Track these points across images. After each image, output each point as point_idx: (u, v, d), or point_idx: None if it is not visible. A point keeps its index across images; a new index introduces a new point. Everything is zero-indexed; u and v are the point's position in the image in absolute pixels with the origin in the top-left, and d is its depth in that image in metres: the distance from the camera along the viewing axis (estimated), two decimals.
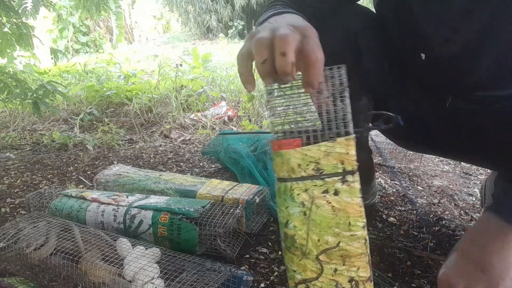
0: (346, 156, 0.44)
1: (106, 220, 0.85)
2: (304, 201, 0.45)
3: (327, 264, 0.46)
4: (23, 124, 2.32)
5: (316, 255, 0.46)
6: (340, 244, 0.45)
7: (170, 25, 12.30)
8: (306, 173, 0.45)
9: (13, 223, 0.81)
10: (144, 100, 2.43)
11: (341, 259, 0.45)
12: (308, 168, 0.45)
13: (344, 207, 0.44)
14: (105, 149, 1.78)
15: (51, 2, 2.33)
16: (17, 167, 1.47)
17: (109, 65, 4.08)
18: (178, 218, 0.80)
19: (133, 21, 11.43)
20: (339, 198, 0.44)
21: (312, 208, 0.45)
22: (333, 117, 0.45)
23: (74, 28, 8.09)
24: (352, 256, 0.45)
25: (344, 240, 0.45)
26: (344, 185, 0.44)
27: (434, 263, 0.82)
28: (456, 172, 1.45)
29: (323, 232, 0.45)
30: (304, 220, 0.46)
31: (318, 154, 0.44)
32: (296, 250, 0.47)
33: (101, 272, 0.67)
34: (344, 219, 0.45)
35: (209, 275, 0.67)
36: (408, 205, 1.13)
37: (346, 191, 0.44)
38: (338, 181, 0.44)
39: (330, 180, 0.44)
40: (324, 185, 0.45)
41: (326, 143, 0.44)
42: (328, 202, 0.45)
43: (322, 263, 0.46)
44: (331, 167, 0.44)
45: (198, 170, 1.43)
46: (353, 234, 0.45)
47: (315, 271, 0.46)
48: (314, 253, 0.46)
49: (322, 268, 0.46)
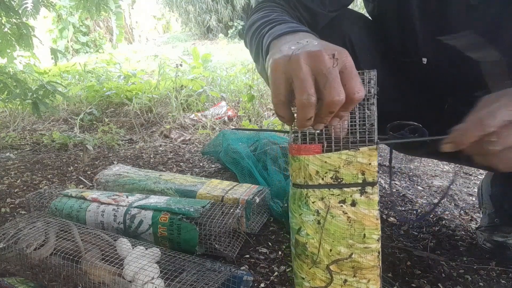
0: (367, 167, 0.42)
1: (106, 220, 0.85)
2: (319, 209, 0.44)
3: (337, 274, 0.45)
4: (23, 124, 2.32)
5: (327, 264, 0.45)
6: (352, 255, 0.44)
7: (170, 25, 12.30)
8: (324, 181, 0.43)
9: (13, 223, 0.81)
10: (144, 100, 2.43)
11: (352, 270, 0.44)
12: (326, 176, 0.43)
13: (361, 219, 0.43)
14: (105, 149, 1.78)
15: (51, 2, 2.32)
16: (17, 167, 1.47)
17: (109, 65, 4.08)
18: (178, 218, 0.80)
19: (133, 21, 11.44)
20: (356, 209, 0.43)
21: (327, 217, 0.44)
22: (358, 124, 0.43)
23: (74, 28, 8.09)
24: (364, 268, 0.44)
25: (357, 252, 0.44)
26: (362, 196, 0.43)
27: (434, 263, 0.82)
28: (456, 172, 1.45)
29: (336, 243, 0.44)
30: (318, 228, 0.44)
31: (338, 162, 0.43)
32: (307, 258, 0.46)
33: (101, 272, 0.67)
34: (359, 231, 0.43)
35: (209, 275, 0.67)
36: (408, 205, 1.13)
37: (364, 203, 0.43)
38: (356, 192, 0.43)
39: (348, 190, 0.43)
40: (341, 194, 0.43)
41: (348, 151, 0.42)
42: (344, 213, 0.43)
43: (332, 273, 0.45)
44: (351, 177, 0.43)
45: (198, 170, 1.43)
46: (367, 247, 0.43)
47: (324, 280, 0.45)
48: (325, 262, 0.45)
49: (332, 278, 0.45)
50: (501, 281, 0.77)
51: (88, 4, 2.27)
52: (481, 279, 0.78)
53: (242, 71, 3.31)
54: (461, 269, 0.81)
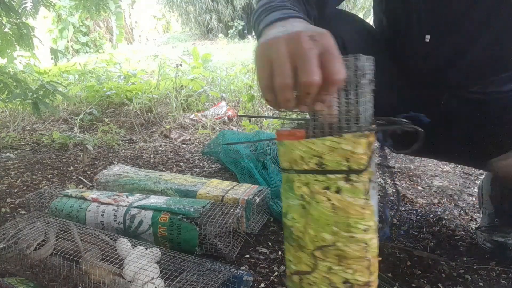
0: (352, 154, 0.40)
1: (106, 220, 0.85)
2: (304, 194, 0.44)
3: (322, 261, 0.44)
4: (23, 124, 2.32)
5: (311, 250, 0.44)
6: (336, 243, 0.43)
7: (170, 25, 12.29)
8: (309, 167, 0.43)
9: (13, 223, 0.81)
10: (144, 100, 2.43)
11: (336, 258, 0.43)
12: (311, 161, 0.43)
13: (345, 207, 0.42)
14: (105, 149, 1.77)
15: (51, 2, 2.33)
16: (17, 167, 1.47)
17: (109, 65, 4.08)
18: (178, 218, 0.80)
19: (133, 21, 11.44)
20: (340, 196, 0.42)
21: (312, 203, 0.43)
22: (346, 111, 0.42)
23: (74, 28, 8.09)
24: (349, 258, 0.43)
25: (341, 241, 0.43)
26: (347, 184, 0.41)
27: (434, 263, 0.82)
28: (456, 172, 1.45)
29: (320, 229, 0.43)
30: (303, 213, 0.44)
31: (322, 148, 0.42)
32: (293, 241, 0.46)
33: (101, 272, 0.67)
34: (343, 219, 0.42)
35: (209, 275, 0.67)
36: (408, 205, 1.13)
37: (349, 191, 0.42)
38: (341, 179, 0.41)
39: (333, 177, 0.42)
40: (326, 181, 0.42)
41: (332, 137, 0.41)
42: (328, 199, 0.42)
43: (317, 259, 0.44)
44: (335, 164, 0.41)
45: (198, 170, 1.43)
46: (352, 236, 0.42)
47: (310, 265, 0.45)
48: (310, 247, 0.44)
49: (317, 264, 0.44)
50: (501, 281, 0.77)
51: (88, 4, 2.27)
52: (481, 279, 0.78)
53: (242, 71, 3.31)
54: (461, 269, 0.81)
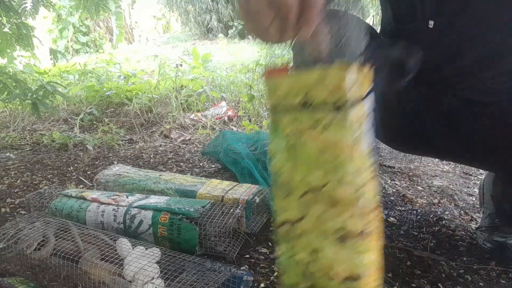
0: (339, 87, 0.37)
1: (106, 220, 0.85)
2: (290, 134, 0.41)
3: (310, 207, 0.41)
4: (23, 124, 2.32)
5: (299, 195, 0.41)
6: (325, 187, 0.39)
7: (170, 25, 12.29)
8: (294, 104, 0.40)
9: (13, 223, 0.81)
10: (144, 100, 2.43)
11: (325, 204, 0.40)
12: (296, 98, 0.39)
13: (332, 147, 0.38)
14: (105, 149, 1.77)
15: (51, 2, 2.33)
16: (17, 167, 1.47)
17: (109, 65, 4.08)
18: (178, 218, 0.80)
19: (133, 21, 11.43)
20: (327, 135, 0.38)
21: (297, 143, 0.40)
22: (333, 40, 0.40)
23: (74, 28, 8.08)
24: (339, 204, 0.39)
25: (330, 184, 0.39)
26: (334, 121, 0.38)
27: (434, 263, 0.82)
28: (456, 172, 1.45)
29: (307, 171, 0.40)
30: (289, 155, 0.41)
31: (307, 82, 0.38)
32: (281, 186, 0.43)
33: (101, 272, 0.67)
34: (331, 159, 0.38)
35: (209, 275, 0.67)
36: (408, 205, 1.13)
37: (337, 129, 0.38)
38: (328, 116, 0.38)
39: (319, 114, 0.38)
40: (312, 118, 0.39)
41: (317, 70, 0.38)
42: (314, 139, 0.39)
43: (306, 205, 0.41)
44: (322, 98, 0.38)
45: (198, 170, 1.43)
46: (341, 179, 0.38)
47: (299, 212, 0.42)
48: (298, 192, 0.41)
49: (306, 211, 0.41)
50: (501, 281, 0.77)
51: (88, 4, 2.27)
52: (481, 279, 0.78)
53: (242, 71, 3.31)
54: (461, 269, 0.81)
